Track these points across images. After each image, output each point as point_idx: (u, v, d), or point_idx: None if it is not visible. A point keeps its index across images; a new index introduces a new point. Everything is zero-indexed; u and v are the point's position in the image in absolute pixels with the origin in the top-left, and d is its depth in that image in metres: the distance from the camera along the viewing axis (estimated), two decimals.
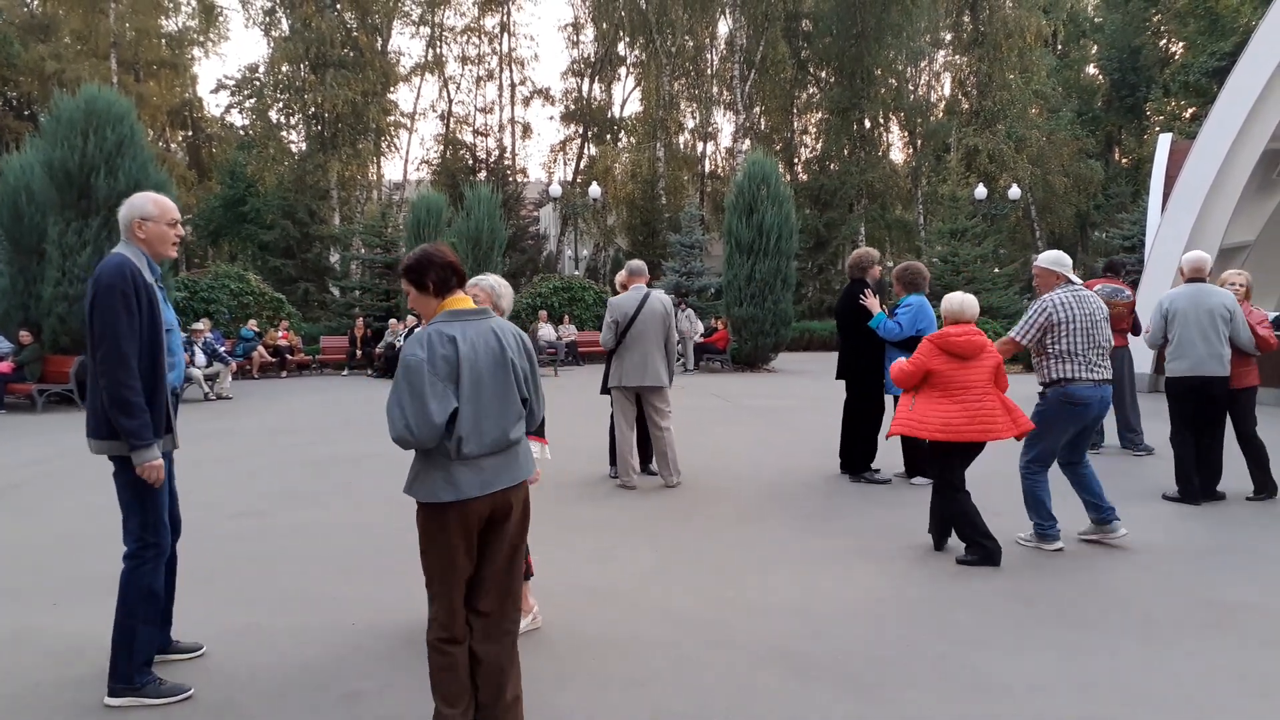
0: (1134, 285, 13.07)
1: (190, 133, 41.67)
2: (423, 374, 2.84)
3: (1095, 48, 41.59)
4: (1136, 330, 9.09)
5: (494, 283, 3.99)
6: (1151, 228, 16.93)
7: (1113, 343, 5.50)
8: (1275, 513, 6.59)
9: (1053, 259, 5.65)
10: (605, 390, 7.92)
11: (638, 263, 7.91)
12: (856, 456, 7.87)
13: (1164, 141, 18.81)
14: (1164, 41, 38.89)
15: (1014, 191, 30.50)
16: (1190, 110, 33.57)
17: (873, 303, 7.57)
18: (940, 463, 5.45)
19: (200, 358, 15.23)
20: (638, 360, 7.43)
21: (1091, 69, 41.89)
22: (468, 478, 2.93)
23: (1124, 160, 41.00)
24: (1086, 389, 5.40)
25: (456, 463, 2.92)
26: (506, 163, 36.37)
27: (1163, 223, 15.18)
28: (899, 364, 5.58)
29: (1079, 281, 5.58)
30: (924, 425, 5.34)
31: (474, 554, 3.03)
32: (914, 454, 7.65)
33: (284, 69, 32.34)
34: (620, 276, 7.87)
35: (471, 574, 3.06)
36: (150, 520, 3.52)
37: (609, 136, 38.80)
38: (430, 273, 3.04)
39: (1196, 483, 6.85)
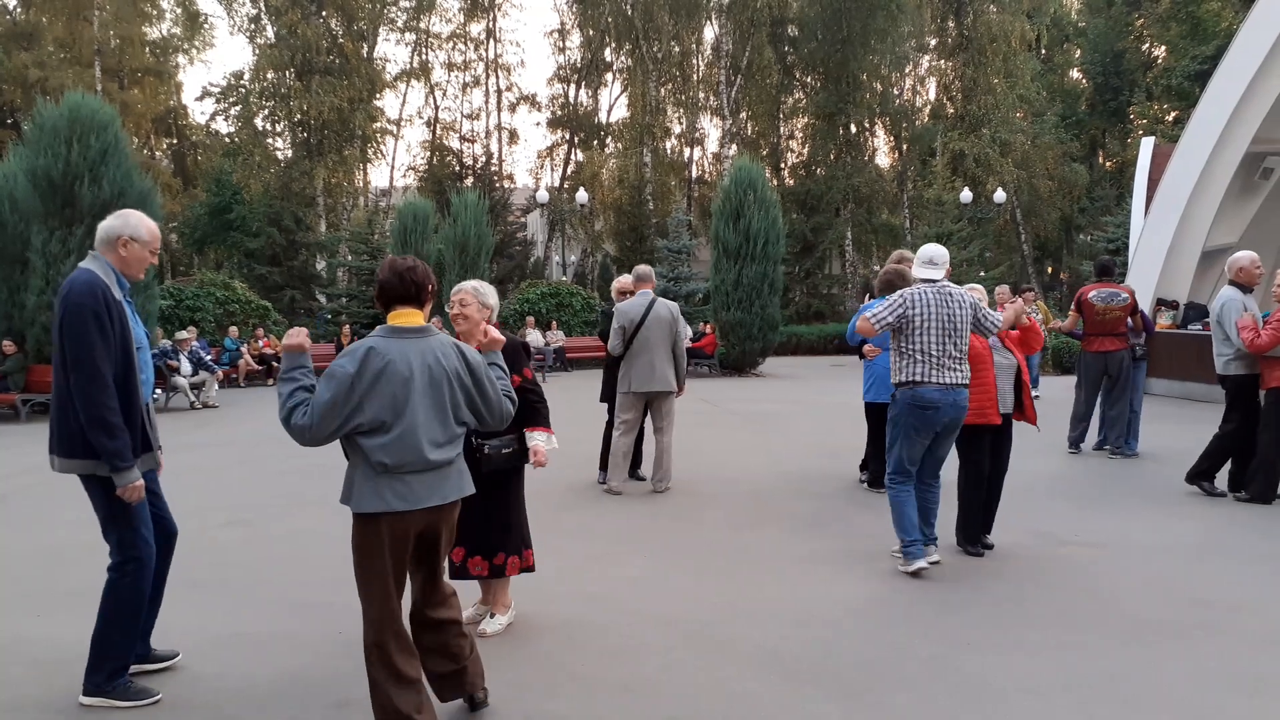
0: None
1: (175, 140, 41.48)
2: (345, 389, 2.94)
3: (1079, 52, 41.84)
4: (1149, 330, 9.21)
5: (476, 285, 4.13)
6: (1135, 231, 17.04)
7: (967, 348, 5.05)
8: (1262, 512, 6.63)
9: (915, 255, 5.24)
10: (604, 398, 7.89)
11: (644, 268, 7.85)
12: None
13: (1147, 145, 18.94)
14: (1146, 45, 39.14)
15: (999, 195, 30.62)
16: (1173, 114, 33.79)
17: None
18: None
19: (186, 366, 15.12)
20: (645, 366, 7.38)
21: (1075, 73, 42.15)
22: (395, 491, 3.01)
23: (1108, 164, 41.26)
24: (934, 391, 5.02)
25: (384, 476, 3.01)
26: (493, 169, 36.33)
27: (1146, 226, 15.28)
28: None
29: (934, 276, 5.13)
30: None
31: (405, 568, 3.13)
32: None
33: (269, 76, 32.24)
34: (623, 282, 7.85)
35: (413, 586, 3.27)
36: (128, 535, 3.53)
37: (596, 142, 38.78)
38: (377, 284, 3.17)
39: (1223, 470, 7.26)
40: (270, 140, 33.82)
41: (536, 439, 4.27)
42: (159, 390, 13.87)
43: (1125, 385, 8.89)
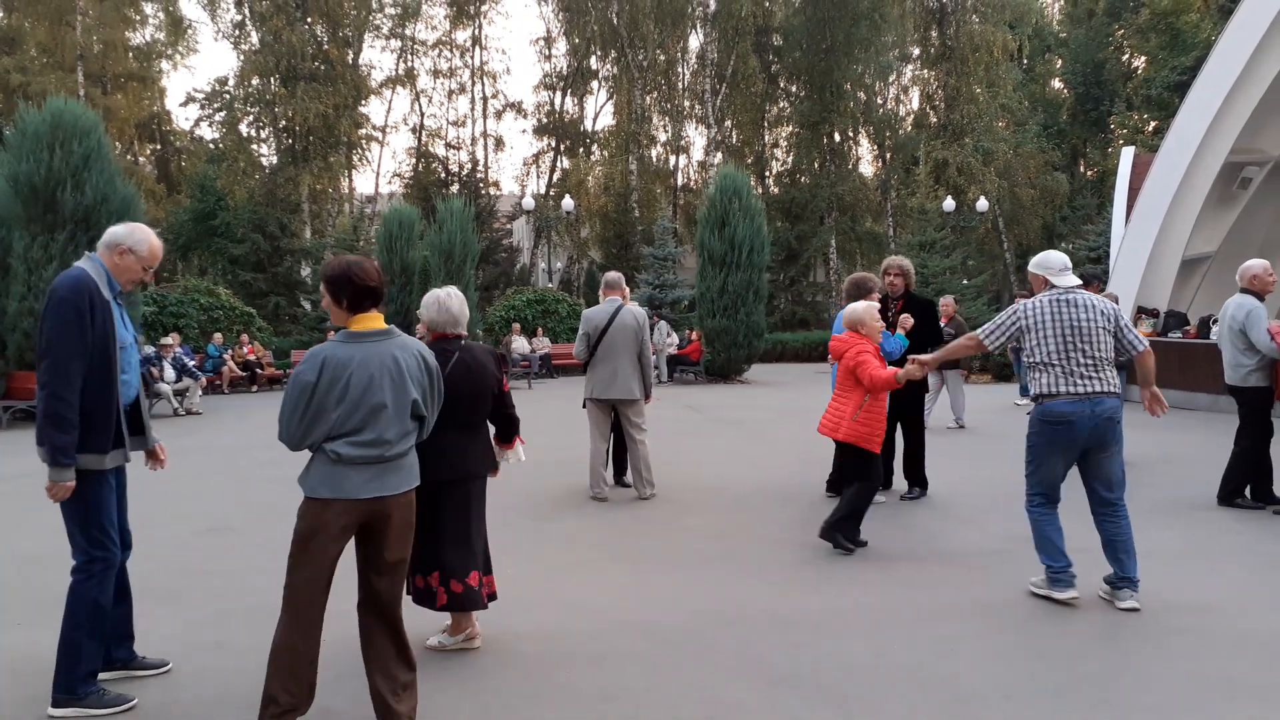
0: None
1: (159, 146, 41.19)
2: (305, 395, 3.09)
3: (1060, 62, 42.17)
4: None
5: (438, 296, 4.17)
6: (1116, 239, 17.20)
7: (1109, 354, 4.74)
8: (1241, 519, 6.69)
9: (1036, 261, 5.00)
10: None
11: (613, 275, 7.86)
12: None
13: (1127, 154, 19.15)
14: (1127, 56, 39.50)
15: (982, 204, 30.81)
16: (1153, 124, 34.11)
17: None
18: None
19: (170, 373, 15.03)
20: (608, 373, 7.41)
21: (1057, 83, 42.47)
22: (348, 480, 3.13)
23: (1089, 173, 41.55)
24: (1065, 404, 4.64)
25: (339, 465, 3.12)
26: (479, 175, 36.29)
27: (1126, 234, 15.44)
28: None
29: (1069, 283, 4.83)
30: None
31: (339, 554, 3.22)
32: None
33: (254, 82, 32.09)
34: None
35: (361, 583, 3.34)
36: (94, 533, 3.55)
37: (582, 149, 38.81)
38: (346, 290, 3.23)
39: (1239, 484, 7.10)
40: (255, 146, 33.69)
41: None
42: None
43: None
